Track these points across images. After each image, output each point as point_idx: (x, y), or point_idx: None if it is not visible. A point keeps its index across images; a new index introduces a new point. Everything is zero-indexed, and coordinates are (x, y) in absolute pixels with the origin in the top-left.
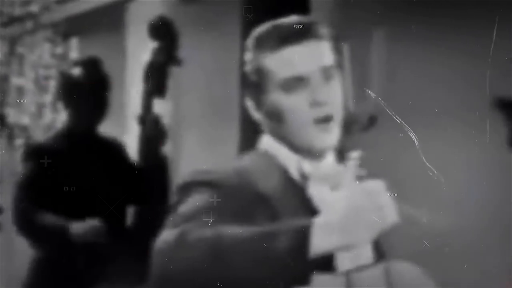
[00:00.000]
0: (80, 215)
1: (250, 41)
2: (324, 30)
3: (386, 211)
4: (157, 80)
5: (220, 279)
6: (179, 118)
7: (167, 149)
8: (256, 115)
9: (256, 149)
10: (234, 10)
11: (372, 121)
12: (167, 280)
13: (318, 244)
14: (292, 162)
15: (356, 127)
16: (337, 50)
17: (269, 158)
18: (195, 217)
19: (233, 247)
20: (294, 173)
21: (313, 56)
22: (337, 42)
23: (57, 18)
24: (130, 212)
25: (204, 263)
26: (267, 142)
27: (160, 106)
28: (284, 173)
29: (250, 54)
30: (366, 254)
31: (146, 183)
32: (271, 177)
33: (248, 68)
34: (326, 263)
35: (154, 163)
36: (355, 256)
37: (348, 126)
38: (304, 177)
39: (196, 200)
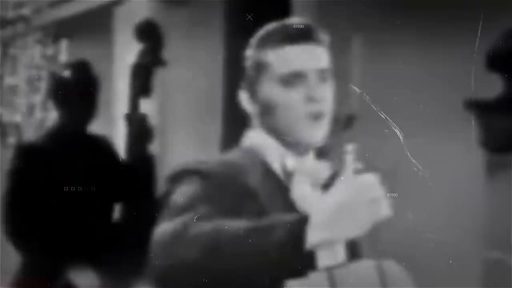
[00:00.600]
0: (68, 214)
1: (254, 39)
2: (324, 36)
3: (379, 205)
4: (143, 80)
5: (218, 271)
6: (165, 117)
7: (154, 147)
8: (249, 107)
9: (240, 145)
10: (218, 11)
11: (350, 120)
12: (166, 271)
13: (311, 237)
14: (275, 157)
15: (335, 127)
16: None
17: (253, 154)
18: (190, 207)
19: (231, 240)
20: (277, 169)
21: (312, 57)
22: (331, 48)
23: (48, 21)
24: (118, 210)
25: (203, 255)
26: (252, 137)
27: (146, 106)
28: (267, 169)
29: (252, 50)
30: (340, 252)
31: (133, 180)
32: (255, 172)
33: (248, 62)
34: (307, 260)
35: (141, 161)
36: (332, 253)
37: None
38: (287, 173)
39: (187, 190)
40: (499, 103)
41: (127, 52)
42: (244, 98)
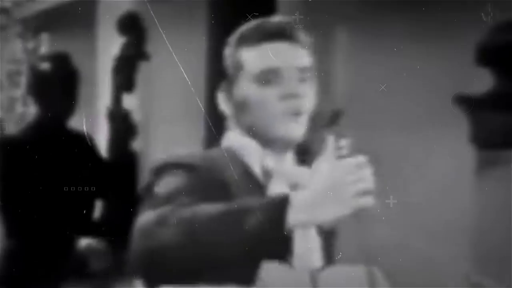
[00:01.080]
0: (48, 209)
1: (233, 37)
2: (304, 35)
3: (363, 186)
4: (126, 74)
5: (197, 256)
6: (148, 113)
7: (137, 143)
8: (226, 108)
9: (220, 146)
10: (202, 8)
11: (335, 117)
12: (147, 259)
13: (291, 218)
14: (255, 158)
15: (319, 124)
16: (313, 53)
17: (233, 154)
18: (173, 198)
19: (208, 222)
20: (257, 170)
21: (289, 54)
22: (313, 45)
23: (28, 13)
24: (99, 206)
25: (182, 239)
26: (231, 138)
27: (129, 101)
28: (245, 168)
29: (231, 48)
30: (317, 255)
31: (115, 177)
32: (232, 172)
33: (227, 61)
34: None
35: (124, 157)
36: (307, 256)
37: (311, 122)
38: (267, 174)
39: (171, 182)
40: (489, 98)
41: (110, 45)
42: (221, 99)
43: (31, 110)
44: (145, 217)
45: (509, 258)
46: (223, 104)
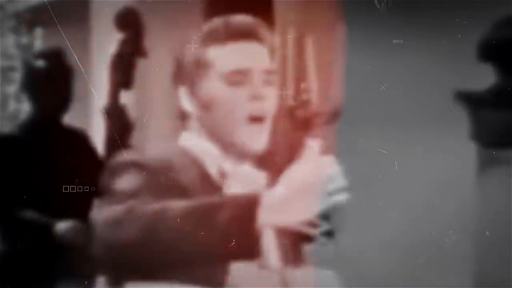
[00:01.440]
0: (44, 207)
1: (198, 35)
2: (268, 35)
3: (335, 184)
4: (123, 71)
5: (165, 249)
6: (145, 110)
7: (134, 141)
8: (188, 106)
9: (175, 145)
10: (198, 6)
11: (336, 115)
12: (113, 253)
13: (265, 217)
14: (211, 160)
15: (318, 121)
16: (300, 47)
17: (185, 155)
18: (136, 194)
19: (176, 220)
20: (213, 171)
21: (255, 55)
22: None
23: (22, 7)
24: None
25: (151, 235)
26: (189, 138)
27: (126, 98)
28: (202, 171)
29: (196, 46)
30: (274, 255)
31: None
32: (188, 172)
33: (189, 59)
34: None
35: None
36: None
37: (310, 120)
38: (223, 176)
39: (130, 180)
40: (491, 96)
41: (106, 41)
42: (183, 96)
43: (25, 107)
44: (109, 212)
45: (509, 258)
46: (185, 100)
